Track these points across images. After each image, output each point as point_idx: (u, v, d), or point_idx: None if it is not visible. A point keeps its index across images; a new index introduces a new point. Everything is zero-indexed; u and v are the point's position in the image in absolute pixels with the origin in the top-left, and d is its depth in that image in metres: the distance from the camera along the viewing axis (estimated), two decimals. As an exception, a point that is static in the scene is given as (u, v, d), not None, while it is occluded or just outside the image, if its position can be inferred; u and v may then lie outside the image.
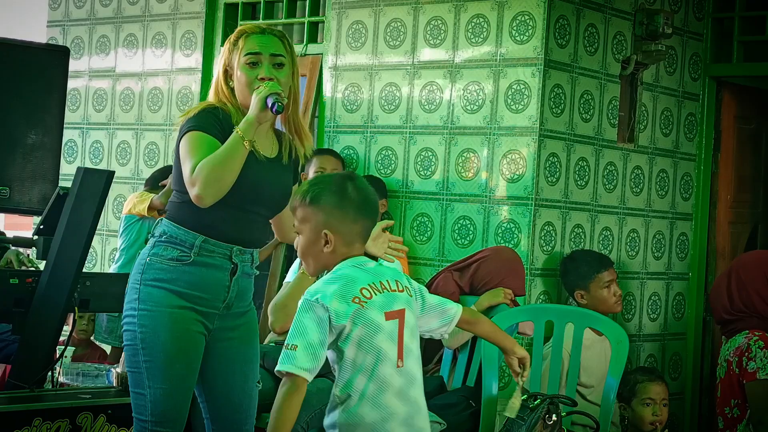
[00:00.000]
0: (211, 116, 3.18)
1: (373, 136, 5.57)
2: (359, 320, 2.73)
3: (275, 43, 3.26)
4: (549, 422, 3.92)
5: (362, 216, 2.84)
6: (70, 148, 6.72)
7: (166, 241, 3.18)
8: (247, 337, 3.34)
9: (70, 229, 3.84)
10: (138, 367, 3.16)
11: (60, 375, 4.49)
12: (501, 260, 4.79)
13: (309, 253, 2.84)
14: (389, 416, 2.74)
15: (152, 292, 3.15)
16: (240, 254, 3.23)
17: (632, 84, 5.60)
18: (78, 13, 6.83)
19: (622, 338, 4.27)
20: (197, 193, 3.06)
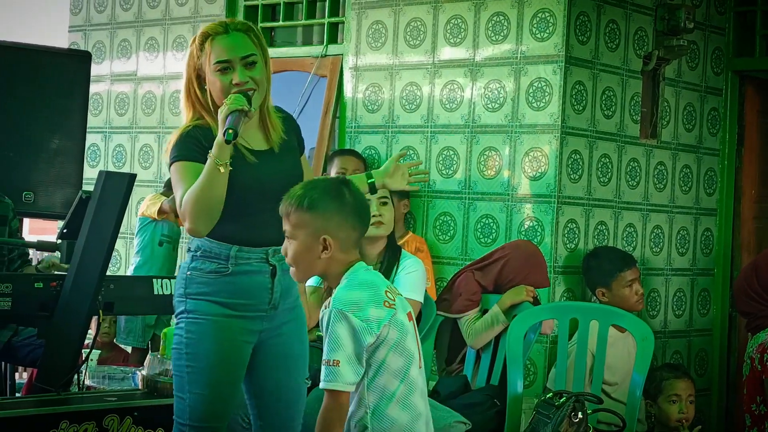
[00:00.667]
0: (191, 140, 3.15)
1: (394, 136, 5.57)
2: (394, 324, 2.72)
3: (242, 41, 3.18)
4: (575, 420, 3.91)
5: (359, 221, 2.81)
6: (93, 152, 6.74)
7: (202, 256, 3.19)
8: (296, 333, 3.34)
9: (94, 233, 3.85)
10: (181, 371, 3.18)
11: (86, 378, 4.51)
12: (523, 256, 4.77)
13: (303, 259, 2.79)
14: (417, 416, 2.75)
15: (198, 304, 3.17)
16: (276, 254, 3.21)
17: (654, 79, 5.57)
18: (99, 17, 6.86)
19: (647, 335, 4.25)
20: (189, 227, 3.10)
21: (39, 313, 3.96)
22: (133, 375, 4.39)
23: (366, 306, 2.68)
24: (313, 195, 2.78)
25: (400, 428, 2.72)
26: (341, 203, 2.78)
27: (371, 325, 2.67)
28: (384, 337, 2.70)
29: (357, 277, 2.76)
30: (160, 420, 3.76)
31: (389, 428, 2.72)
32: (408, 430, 2.73)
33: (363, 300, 2.69)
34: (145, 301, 4.23)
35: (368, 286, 2.73)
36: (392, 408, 2.72)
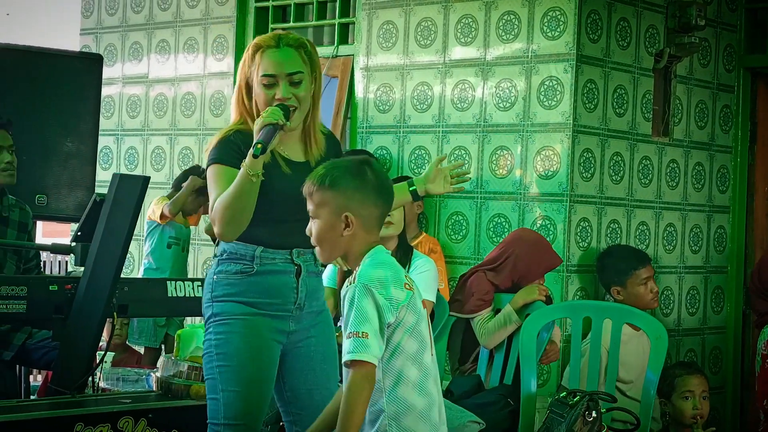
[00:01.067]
0: (230, 145, 3.20)
1: (405, 136, 5.57)
2: (412, 307, 2.74)
3: (292, 58, 3.23)
4: (589, 419, 3.91)
5: (381, 200, 2.82)
6: (105, 155, 6.76)
7: (227, 258, 3.23)
8: (324, 335, 3.35)
9: (107, 236, 3.86)
10: (212, 374, 3.20)
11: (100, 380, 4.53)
12: (529, 247, 4.77)
13: (326, 238, 2.81)
14: (432, 403, 2.76)
15: (225, 306, 3.21)
16: (300, 255, 3.25)
17: (666, 77, 5.56)
18: (110, 20, 6.87)
19: (661, 333, 4.25)
20: (217, 232, 3.14)
21: (54, 316, 3.97)
22: (147, 377, 4.40)
23: (388, 285, 2.70)
24: (335, 173, 2.81)
25: (417, 414, 2.73)
26: (363, 181, 2.80)
27: (393, 304, 2.69)
28: (401, 318, 2.71)
29: (379, 257, 2.77)
30: (174, 422, 3.78)
31: (405, 412, 2.72)
32: (424, 415, 2.74)
33: (386, 279, 2.70)
34: (159, 303, 4.24)
35: (390, 266, 2.75)
36: (408, 392, 2.72)
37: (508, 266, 4.75)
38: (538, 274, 4.72)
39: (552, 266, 4.75)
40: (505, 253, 4.79)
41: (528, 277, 4.71)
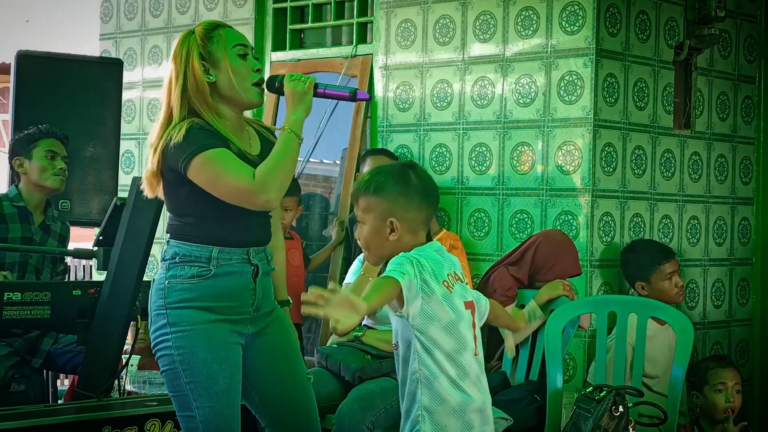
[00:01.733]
0: (203, 132, 3.07)
1: (426, 134, 5.57)
2: (449, 305, 2.76)
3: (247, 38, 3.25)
4: (616, 414, 3.89)
5: (426, 203, 2.88)
6: (127, 159, 6.79)
7: (181, 262, 3.12)
8: (280, 331, 3.28)
9: (129, 239, 3.87)
10: (182, 390, 3.09)
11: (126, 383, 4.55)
12: (553, 243, 4.75)
13: (373, 242, 2.87)
14: (469, 402, 2.79)
15: (181, 314, 3.09)
16: (256, 254, 3.19)
17: (686, 69, 5.53)
18: (129, 24, 6.90)
19: (686, 327, 4.23)
20: (267, 198, 3.01)
21: (78, 321, 3.99)
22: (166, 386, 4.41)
23: (425, 270, 2.74)
24: (379, 179, 2.86)
25: (450, 409, 2.77)
26: (406, 186, 2.85)
27: (423, 285, 2.72)
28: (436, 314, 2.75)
29: (425, 251, 2.82)
30: (200, 423, 3.78)
31: (438, 406, 2.76)
32: (457, 412, 2.78)
33: (426, 266, 2.75)
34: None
35: (433, 261, 2.80)
36: (443, 387, 2.76)
37: (528, 257, 4.73)
38: (553, 273, 4.68)
39: (568, 272, 4.70)
40: (527, 244, 4.77)
41: (543, 272, 4.68)
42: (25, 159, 4.58)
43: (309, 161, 6.09)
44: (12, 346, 4.34)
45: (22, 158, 4.59)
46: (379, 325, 4.35)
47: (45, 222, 4.60)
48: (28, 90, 5.22)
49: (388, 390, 4.12)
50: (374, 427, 4.04)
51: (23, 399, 4.28)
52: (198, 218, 3.12)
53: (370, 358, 4.30)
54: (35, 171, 4.57)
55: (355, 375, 4.25)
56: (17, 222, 4.52)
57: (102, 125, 5.41)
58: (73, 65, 5.40)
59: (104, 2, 7.04)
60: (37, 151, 4.58)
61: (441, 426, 2.77)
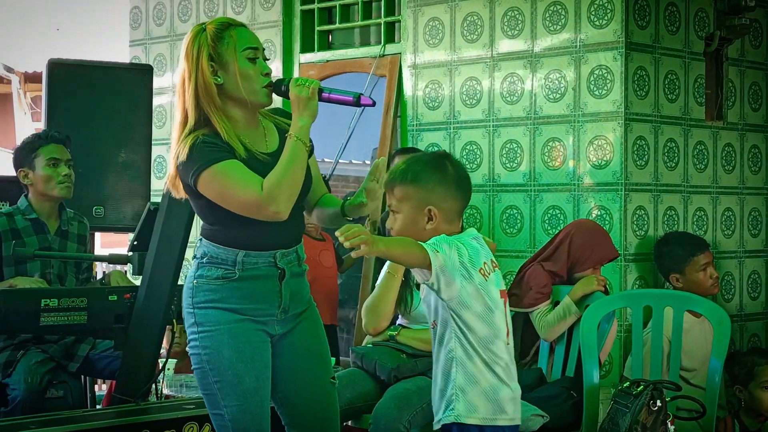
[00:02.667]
0: (206, 146, 3.03)
1: (456, 132, 5.56)
2: (485, 292, 2.80)
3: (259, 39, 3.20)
4: (653, 408, 3.87)
5: (462, 192, 2.90)
6: (159, 164, 6.82)
7: (208, 262, 3.13)
8: (309, 331, 3.27)
9: (163, 244, 3.89)
10: (210, 389, 3.11)
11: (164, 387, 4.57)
12: (587, 231, 4.74)
13: (409, 231, 2.86)
14: (502, 387, 2.82)
15: (207, 314, 3.11)
16: (284, 257, 3.17)
17: (717, 60, 5.50)
18: (158, 30, 6.93)
19: (723, 319, 4.19)
20: (276, 209, 2.99)
21: (114, 326, 4.02)
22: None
23: (464, 256, 2.77)
24: (416, 168, 2.87)
25: (481, 390, 2.81)
26: (443, 174, 2.87)
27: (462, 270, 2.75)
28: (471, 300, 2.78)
29: (463, 238, 2.84)
30: (238, 426, 3.79)
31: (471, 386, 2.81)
32: (488, 394, 2.81)
33: (465, 252, 2.78)
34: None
35: (471, 248, 2.82)
36: (477, 369, 2.80)
37: (563, 251, 4.71)
38: (592, 261, 4.66)
39: (607, 257, 4.70)
40: (559, 238, 4.75)
41: (581, 262, 4.66)
42: (29, 170, 4.49)
43: (339, 162, 6.10)
44: (47, 352, 4.36)
45: (26, 169, 4.50)
46: (413, 324, 4.35)
47: (61, 228, 4.56)
48: (60, 98, 5.25)
49: (425, 389, 4.11)
50: (411, 426, 4.04)
51: (62, 405, 4.30)
52: (224, 226, 3.12)
53: (405, 357, 4.29)
54: (40, 181, 4.48)
55: (390, 374, 4.25)
56: (33, 234, 4.47)
57: (133, 131, 5.44)
58: (104, 72, 5.43)
59: (133, 9, 7.08)
60: (39, 161, 4.48)
61: (473, 406, 2.80)
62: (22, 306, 3.86)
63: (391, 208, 2.90)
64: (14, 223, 4.46)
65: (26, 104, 12.68)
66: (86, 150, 5.17)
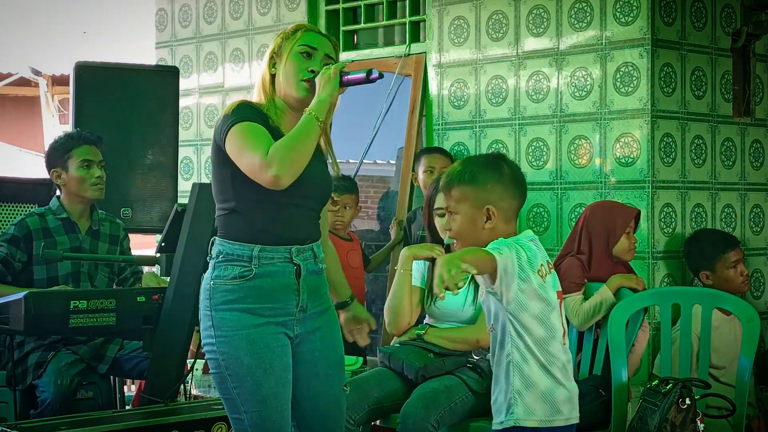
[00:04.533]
0: (250, 109, 3.15)
1: (482, 131, 5.55)
2: (543, 293, 2.84)
3: (330, 46, 3.25)
4: (683, 406, 3.85)
5: (518, 192, 2.95)
6: (186, 166, 6.85)
7: (224, 261, 3.13)
8: (329, 339, 3.27)
9: (191, 245, 3.91)
10: (230, 394, 3.12)
11: (192, 387, 4.58)
12: (600, 206, 4.75)
13: (468, 232, 2.91)
14: (557, 388, 2.87)
15: (224, 317, 3.11)
16: (300, 253, 3.16)
17: (744, 56, 5.46)
18: (184, 32, 6.96)
19: (752, 317, 4.17)
20: (275, 173, 2.98)
21: (143, 327, 4.04)
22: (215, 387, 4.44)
23: (522, 258, 2.81)
24: (473, 169, 2.92)
25: (539, 393, 2.85)
26: (500, 174, 2.92)
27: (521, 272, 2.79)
28: (528, 302, 2.82)
29: (520, 240, 2.88)
30: (266, 426, 3.80)
31: (529, 389, 2.85)
32: (545, 396, 2.86)
33: (523, 254, 2.82)
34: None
35: (529, 250, 2.86)
36: (534, 372, 2.85)
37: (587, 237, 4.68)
38: (620, 225, 4.61)
39: (631, 215, 4.66)
40: (582, 225, 4.73)
41: (612, 231, 4.61)
42: (62, 171, 4.53)
43: (363, 162, 6.10)
44: (77, 353, 4.39)
45: (59, 170, 4.54)
46: (441, 323, 4.34)
47: (92, 227, 4.60)
48: (88, 100, 5.28)
49: (452, 388, 4.11)
50: (439, 426, 4.03)
51: (92, 406, 4.33)
52: (239, 202, 3.12)
53: (432, 357, 4.29)
54: (73, 182, 4.53)
55: (418, 373, 4.24)
56: (63, 234, 4.51)
57: (160, 133, 5.47)
58: (131, 74, 5.46)
59: (159, 11, 7.11)
60: (73, 162, 4.52)
61: (531, 409, 2.86)
62: (51, 308, 3.88)
63: (449, 209, 2.94)
64: (45, 222, 4.50)
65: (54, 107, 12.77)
66: (113, 152, 5.19)
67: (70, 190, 4.55)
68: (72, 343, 4.42)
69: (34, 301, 3.84)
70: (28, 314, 3.81)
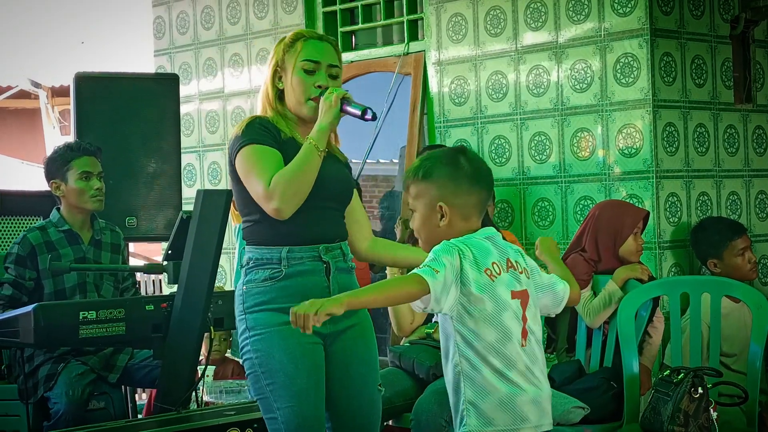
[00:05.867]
0: (260, 128, 3.17)
1: (484, 127, 5.55)
2: (490, 294, 2.70)
3: (332, 52, 3.26)
4: (695, 395, 3.85)
5: (476, 187, 2.81)
6: (189, 172, 6.85)
7: (254, 266, 3.18)
8: (361, 338, 3.28)
9: (197, 251, 3.91)
10: (263, 393, 3.14)
11: (204, 394, 4.59)
12: (609, 205, 4.76)
13: (424, 229, 2.83)
14: (518, 393, 2.71)
15: (258, 317, 3.15)
16: (328, 251, 3.19)
17: (744, 43, 5.46)
18: (182, 39, 6.96)
19: (762, 303, 4.17)
20: (276, 206, 3.06)
21: (153, 335, 4.04)
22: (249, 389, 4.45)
23: (466, 258, 2.69)
24: (428, 164, 2.83)
25: (495, 401, 2.70)
26: (455, 169, 2.80)
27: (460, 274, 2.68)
28: (475, 304, 2.69)
29: (471, 238, 2.77)
30: (279, 429, 3.80)
31: (483, 398, 2.70)
32: (504, 404, 2.70)
33: (468, 254, 2.70)
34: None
35: (476, 249, 2.74)
36: (487, 379, 2.70)
37: (593, 235, 4.68)
38: (628, 225, 4.62)
39: (640, 216, 4.66)
40: (589, 223, 4.73)
41: (619, 232, 4.62)
42: (62, 182, 4.52)
43: (366, 162, 6.10)
44: (87, 364, 4.39)
45: (59, 181, 4.53)
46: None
47: (94, 237, 4.59)
48: (88, 111, 5.28)
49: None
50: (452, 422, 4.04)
51: (104, 416, 4.33)
52: (262, 213, 3.14)
53: (443, 355, 4.29)
54: (73, 194, 4.51)
55: (429, 372, 4.25)
56: (67, 246, 4.50)
57: (162, 140, 5.46)
58: (131, 83, 5.46)
59: (156, 19, 7.12)
60: (72, 174, 4.51)
61: (488, 419, 2.70)
62: (61, 319, 3.89)
63: (409, 206, 2.87)
64: (48, 236, 4.49)
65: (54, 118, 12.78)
66: (116, 161, 5.20)
67: (70, 202, 4.54)
68: (82, 354, 4.43)
69: (44, 314, 3.84)
70: (38, 327, 3.82)
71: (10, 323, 3.92)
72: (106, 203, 4.62)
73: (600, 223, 4.69)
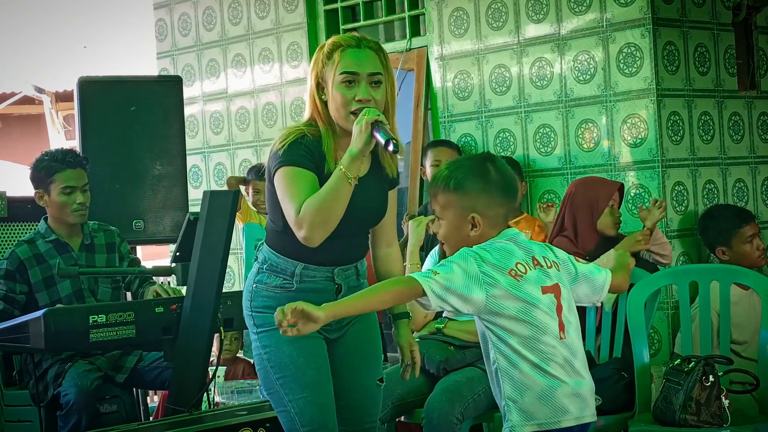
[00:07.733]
0: (301, 148, 3.09)
1: (488, 120, 5.55)
2: (517, 293, 2.73)
3: (372, 59, 3.14)
4: (707, 384, 3.85)
5: (507, 198, 2.84)
6: (194, 174, 6.86)
7: (269, 269, 3.18)
8: (363, 333, 3.30)
9: (205, 253, 3.91)
10: (274, 387, 3.16)
11: (215, 395, 4.59)
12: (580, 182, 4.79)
13: (453, 237, 2.84)
14: (557, 386, 2.75)
15: (264, 317, 3.16)
16: (342, 272, 3.21)
17: (746, 29, 5.44)
18: (185, 41, 6.97)
19: (771, 290, 4.16)
20: (305, 235, 3.03)
21: (163, 337, 4.04)
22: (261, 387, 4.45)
23: (486, 263, 2.71)
24: (459, 175, 2.82)
25: (535, 395, 2.74)
26: (487, 181, 2.82)
27: (485, 278, 2.70)
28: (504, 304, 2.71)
29: (492, 244, 2.79)
30: (291, 428, 3.80)
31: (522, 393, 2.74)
32: (544, 397, 2.74)
33: (488, 258, 2.73)
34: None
35: (499, 251, 2.76)
36: (525, 374, 2.74)
37: (570, 213, 4.69)
38: (603, 198, 4.64)
39: (614, 187, 4.67)
40: (564, 204, 4.76)
41: (594, 205, 4.64)
42: (45, 193, 4.48)
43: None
44: (94, 364, 4.38)
45: (42, 191, 4.48)
46: (459, 316, 4.34)
47: (84, 242, 4.54)
48: (93, 115, 5.28)
49: (475, 380, 4.11)
50: (463, 418, 4.04)
51: (116, 419, 4.33)
52: (287, 227, 3.13)
53: (453, 349, 4.29)
54: (55, 207, 4.46)
55: (439, 367, 4.25)
56: (57, 256, 4.44)
57: (167, 143, 5.47)
58: (134, 86, 5.46)
59: (158, 21, 7.12)
60: (54, 187, 4.45)
61: (528, 413, 2.74)
62: (71, 324, 3.89)
63: (436, 214, 2.88)
64: (36, 248, 4.45)
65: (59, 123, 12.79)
66: (122, 165, 5.20)
67: (53, 214, 4.51)
68: (89, 355, 4.42)
69: (54, 319, 3.85)
70: (48, 331, 3.82)
71: (20, 329, 3.93)
72: (113, 207, 4.62)
73: (575, 199, 4.72)
